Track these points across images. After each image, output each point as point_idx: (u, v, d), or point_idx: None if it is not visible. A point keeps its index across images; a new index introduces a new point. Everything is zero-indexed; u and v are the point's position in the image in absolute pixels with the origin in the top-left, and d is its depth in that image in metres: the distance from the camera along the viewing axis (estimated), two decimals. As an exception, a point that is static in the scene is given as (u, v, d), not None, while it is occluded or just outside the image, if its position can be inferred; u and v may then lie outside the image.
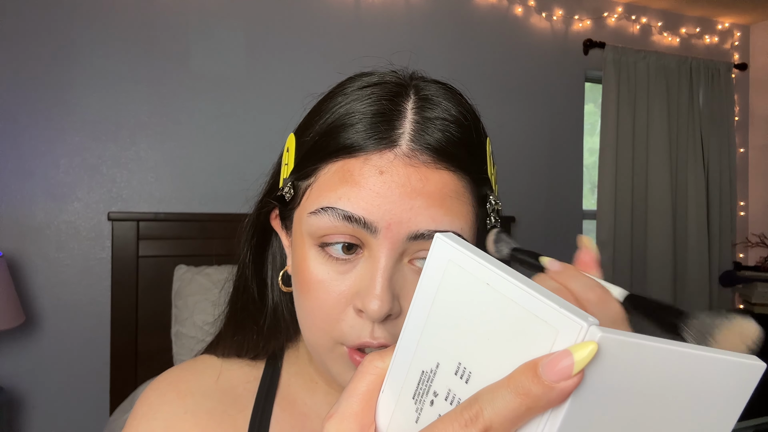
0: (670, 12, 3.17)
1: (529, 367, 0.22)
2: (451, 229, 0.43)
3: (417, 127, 0.44)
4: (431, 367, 0.26)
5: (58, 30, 2.05)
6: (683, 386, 0.23)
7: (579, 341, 0.21)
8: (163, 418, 0.51)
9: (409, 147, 0.43)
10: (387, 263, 0.42)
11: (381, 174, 0.43)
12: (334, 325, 0.44)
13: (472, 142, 0.46)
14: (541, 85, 2.84)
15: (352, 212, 0.42)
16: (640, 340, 0.21)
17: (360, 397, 0.28)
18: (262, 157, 2.28)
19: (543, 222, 2.85)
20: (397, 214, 0.42)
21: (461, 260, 0.26)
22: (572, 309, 0.21)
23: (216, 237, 2.17)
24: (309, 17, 2.40)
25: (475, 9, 2.71)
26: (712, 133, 3.18)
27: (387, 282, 0.42)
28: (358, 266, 0.44)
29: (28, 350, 2.01)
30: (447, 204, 0.43)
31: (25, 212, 2.02)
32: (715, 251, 3.15)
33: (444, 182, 0.44)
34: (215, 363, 0.57)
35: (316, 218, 0.44)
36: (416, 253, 0.44)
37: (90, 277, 2.09)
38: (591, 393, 0.21)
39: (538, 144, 2.84)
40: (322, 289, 0.44)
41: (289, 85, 2.34)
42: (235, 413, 0.53)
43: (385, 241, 0.42)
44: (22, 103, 2.02)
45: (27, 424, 2.01)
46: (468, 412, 0.23)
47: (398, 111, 0.45)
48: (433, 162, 0.43)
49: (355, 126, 0.44)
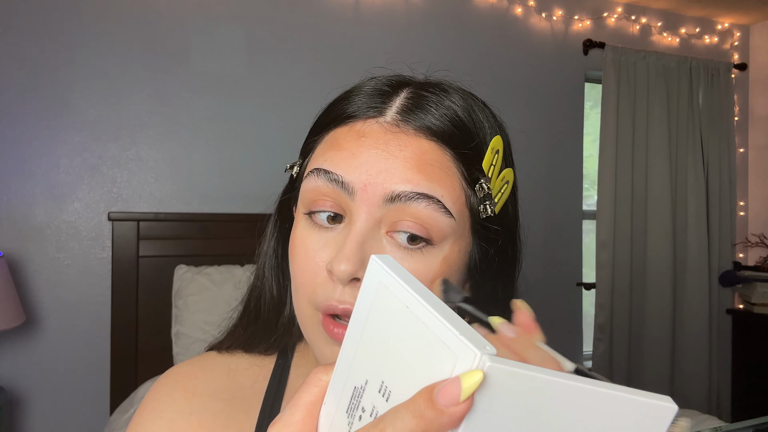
0: (670, 12, 3.18)
1: (426, 391, 0.22)
2: (431, 194, 0.43)
3: (406, 103, 0.46)
4: (362, 384, 0.27)
5: (59, 30, 2.05)
6: (586, 423, 0.23)
7: (473, 368, 0.21)
8: (169, 418, 0.51)
9: (394, 117, 0.45)
10: (361, 227, 0.43)
11: (361, 138, 0.45)
12: (311, 289, 0.45)
13: (464, 123, 0.46)
14: (541, 85, 2.84)
15: (332, 170, 0.44)
16: (532, 372, 0.22)
17: (303, 407, 0.30)
18: (262, 157, 2.29)
19: (543, 222, 2.85)
20: (372, 175, 0.43)
21: (389, 282, 0.27)
22: (473, 337, 0.22)
23: (216, 237, 2.17)
24: (309, 17, 2.40)
25: (474, 9, 2.71)
26: (711, 133, 3.18)
27: (358, 245, 0.42)
28: (337, 232, 0.45)
29: (29, 350, 2.01)
30: (426, 170, 0.43)
31: (25, 212, 2.03)
32: (715, 251, 3.16)
33: (423, 150, 0.44)
34: (224, 360, 0.56)
35: (305, 182, 0.47)
36: (395, 224, 0.43)
37: (90, 277, 2.09)
38: (484, 420, 0.22)
39: (538, 144, 2.84)
40: (303, 254, 0.46)
41: (289, 85, 2.34)
42: (242, 416, 0.52)
43: (361, 205, 0.43)
44: (23, 103, 2.02)
45: (27, 424, 2.01)
46: (373, 430, 0.24)
47: (395, 90, 0.47)
48: (413, 131, 0.44)
49: (351, 99, 0.48)
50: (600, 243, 2.90)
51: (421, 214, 0.43)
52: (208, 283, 1.95)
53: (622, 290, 2.91)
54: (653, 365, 2.94)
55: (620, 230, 2.92)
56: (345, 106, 0.47)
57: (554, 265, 2.86)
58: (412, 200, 0.42)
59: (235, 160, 2.27)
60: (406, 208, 0.42)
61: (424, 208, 0.42)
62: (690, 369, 2.99)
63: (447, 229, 0.44)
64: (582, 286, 2.95)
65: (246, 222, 2.07)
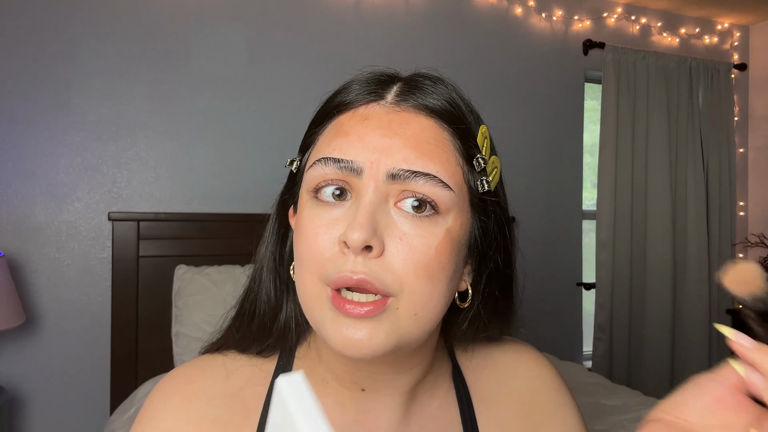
0: (670, 12, 3.18)
1: None
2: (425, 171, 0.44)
3: (404, 87, 0.49)
4: None
5: (59, 30, 2.06)
6: None
7: None
8: (167, 428, 0.51)
9: (395, 99, 0.48)
10: (371, 199, 0.44)
11: (365, 120, 0.47)
12: (321, 265, 0.44)
13: (460, 106, 0.49)
14: (541, 85, 2.84)
15: (342, 157, 0.45)
16: None
17: None
18: (262, 157, 2.29)
19: (543, 222, 2.85)
20: (376, 153, 0.45)
21: (289, 404, 0.28)
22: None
23: (216, 237, 2.17)
24: (309, 17, 2.40)
25: (474, 9, 2.71)
26: (711, 133, 3.18)
27: (369, 214, 0.43)
28: (347, 207, 0.46)
29: (29, 350, 2.01)
30: (422, 148, 0.45)
31: (25, 212, 2.03)
32: (715, 251, 3.16)
33: (422, 128, 0.46)
34: (222, 362, 0.55)
35: (311, 171, 0.47)
36: (401, 195, 0.45)
37: (90, 277, 2.09)
38: None
39: (538, 144, 2.84)
40: (312, 231, 0.46)
41: (289, 85, 2.34)
42: (240, 420, 0.52)
43: (369, 181, 0.44)
44: (23, 103, 2.02)
45: (27, 424, 2.01)
46: None
47: (391, 79, 0.50)
48: (414, 109, 0.47)
49: (349, 88, 0.50)
50: (600, 243, 2.90)
51: (421, 189, 0.44)
52: (208, 283, 1.95)
53: (622, 290, 2.91)
54: (653, 365, 2.94)
55: (620, 230, 2.92)
56: (344, 95, 0.49)
57: (554, 265, 2.86)
58: (410, 178, 0.44)
59: (235, 160, 2.27)
60: (407, 185, 0.44)
61: (423, 185, 0.44)
62: (690, 369, 2.99)
63: (448, 201, 0.45)
64: (582, 286, 2.95)
65: (246, 222, 2.07)
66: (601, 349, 2.87)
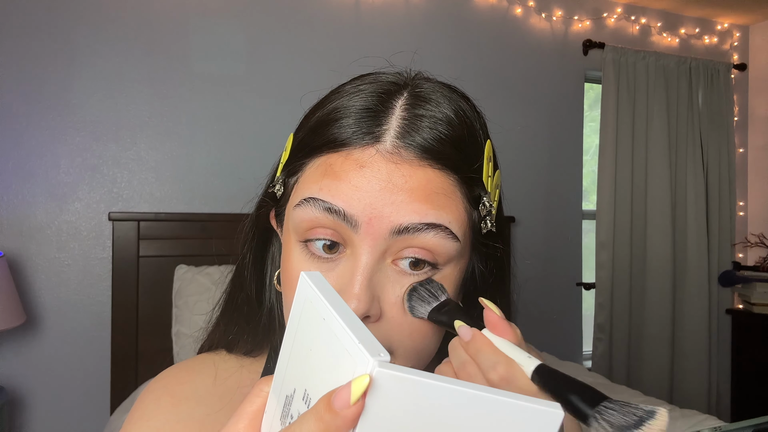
0: (670, 12, 3.18)
1: (326, 396, 0.24)
2: (439, 222, 0.42)
3: (403, 124, 0.43)
4: (291, 392, 0.29)
5: (59, 30, 2.06)
6: (472, 426, 0.24)
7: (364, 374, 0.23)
8: (155, 427, 0.51)
9: (393, 144, 0.43)
10: (368, 261, 0.42)
11: (361, 168, 0.42)
12: None
13: (464, 141, 0.45)
14: (541, 85, 2.85)
15: (332, 203, 0.42)
16: (418, 377, 0.23)
17: (246, 417, 0.31)
18: (262, 157, 2.29)
19: (543, 222, 2.85)
20: (378, 209, 0.41)
21: (312, 297, 0.29)
22: (370, 344, 0.24)
23: (216, 237, 2.17)
24: (309, 17, 2.40)
25: (474, 9, 2.72)
26: (711, 133, 3.18)
27: (366, 281, 0.41)
28: (340, 265, 0.43)
29: (29, 350, 2.02)
30: (432, 199, 0.42)
31: (25, 212, 2.03)
32: (715, 251, 3.16)
33: (428, 179, 0.43)
34: (212, 363, 0.56)
35: (299, 210, 0.44)
36: (400, 252, 0.43)
37: (90, 277, 2.09)
38: (377, 421, 0.24)
39: (538, 144, 2.84)
40: None
41: (289, 85, 2.34)
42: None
43: (366, 238, 0.42)
44: (23, 104, 2.02)
45: (27, 424, 2.01)
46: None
47: (387, 108, 0.44)
48: (416, 159, 0.42)
49: (341, 121, 0.44)
50: (600, 243, 2.90)
51: (429, 242, 0.42)
52: (208, 283, 1.95)
53: (622, 290, 2.91)
54: (653, 365, 2.94)
55: (620, 230, 2.92)
56: (335, 131, 0.44)
57: (554, 265, 2.86)
58: (420, 231, 0.42)
59: (235, 160, 2.27)
60: (413, 239, 0.42)
61: (432, 237, 0.42)
62: (689, 368, 2.99)
63: (453, 252, 0.43)
64: (582, 286, 2.95)
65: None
66: (601, 349, 2.87)
